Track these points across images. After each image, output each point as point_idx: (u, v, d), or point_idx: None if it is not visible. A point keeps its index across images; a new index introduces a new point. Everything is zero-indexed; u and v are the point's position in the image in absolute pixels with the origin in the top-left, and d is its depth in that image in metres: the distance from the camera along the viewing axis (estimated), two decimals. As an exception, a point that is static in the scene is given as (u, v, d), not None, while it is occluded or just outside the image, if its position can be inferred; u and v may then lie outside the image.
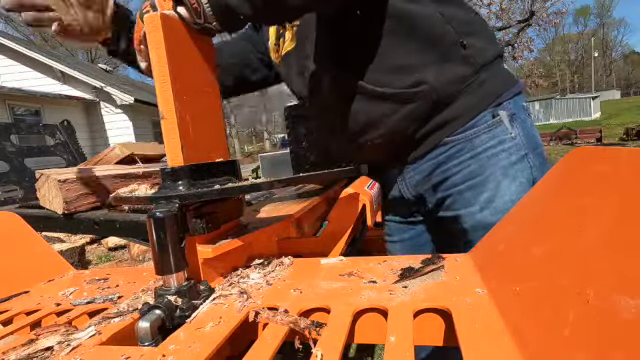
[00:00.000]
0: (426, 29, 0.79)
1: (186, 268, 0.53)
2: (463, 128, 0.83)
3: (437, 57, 0.79)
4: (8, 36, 11.05)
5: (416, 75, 0.80)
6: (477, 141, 0.82)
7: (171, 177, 0.58)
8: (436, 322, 0.45)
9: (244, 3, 0.58)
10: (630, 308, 0.26)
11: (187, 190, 0.56)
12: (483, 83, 0.82)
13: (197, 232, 0.56)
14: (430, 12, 0.79)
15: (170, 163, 0.58)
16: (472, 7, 0.91)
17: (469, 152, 0.82)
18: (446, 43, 0.79)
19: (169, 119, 0.57)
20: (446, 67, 0.80)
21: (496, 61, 0.85)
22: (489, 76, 0.83)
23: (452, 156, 0.84)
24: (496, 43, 0.88)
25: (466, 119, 0.82)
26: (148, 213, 0.52)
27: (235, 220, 0.70)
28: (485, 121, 0.82)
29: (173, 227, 0.52)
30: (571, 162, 0.45)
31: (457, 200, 0.85)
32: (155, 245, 0.51)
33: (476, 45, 0.81)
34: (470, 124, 0.82)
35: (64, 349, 0.44)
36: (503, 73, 0.87)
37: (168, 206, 0.53)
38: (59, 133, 2.09)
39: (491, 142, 0.81)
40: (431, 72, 0.79)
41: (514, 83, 0.87)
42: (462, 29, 0.80)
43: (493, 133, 0.81)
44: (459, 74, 0.80)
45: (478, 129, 0.82)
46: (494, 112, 0.82)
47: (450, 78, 0.80)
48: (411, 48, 0.79)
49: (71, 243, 3.93)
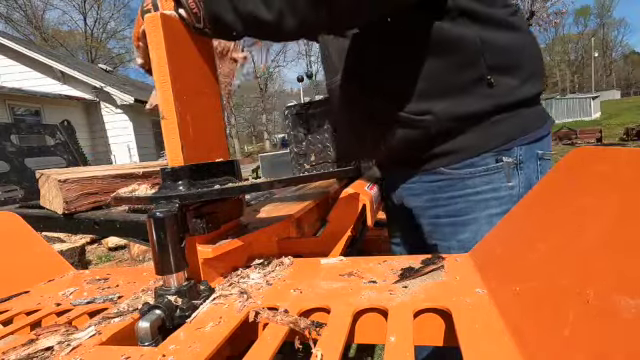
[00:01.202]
0: (457, 56, 0.73)
1: (186, 268, 0.54)
2: (460, 165, 0.78)
3: (456, 88, 0.74)
4: (8, 36, 11.06)
5: (426, 103, 0.75)
6: (470, 182, 0.77)
7: (171, 177, 0.58)
8: (436, 322, 0.45)
9: (237, 21, 0.57)
10: (630, 308, 0.26)
11: (187, 190, 0.56)
12: (497, 123, 0.75)
13: (197, 232, 0.56)
14: (470, 36, 0.71)
15: (170, 163, 0.58)
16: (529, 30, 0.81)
17: (460, 190, 0.79)
18: (471, 76, 0.73)
19: (169, 119, 0.57)
20: (461, 101, 0.74)
21: (526, 102, 0.77)
22: (508, 117, 0.75)
23: (442, 188, 0.81)
24: (538, 80, 0.79)
25: (465, 156, 0.77)
26: (148, 213, 0.52)
27: (235, 220, 0.70)
28: (485, 164, 0.76)
29: (173, 227, 0.52)
30: (571, 162, 0.45)
31: (437, 231, 0.84)
32: (155, 245, 0.51)
33: (506, 84, 0.74)
34: (468, 162, 0.77)
35: (64, 349, 0.44)
36: (529, 115, 0.78)
37: (168, 206, 0.53)
38: (59, 133, 2.09)
39: (485, 187, 0.76)
40: (442, 103, 0.74)
41: (539, 127, 0.78)
42: (497, 62, 0.73)
43: (490, 178, 0.76)
44: (472, 111, 0.74)
45: (475, 170, 0.76)
46: (498, 157, 0.76)
47: (460, 114, 0.74)
48: (433, 72, 0.74)
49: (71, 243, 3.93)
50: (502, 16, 0.75)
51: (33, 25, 20.14)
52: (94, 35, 23.05)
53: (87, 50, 22.73)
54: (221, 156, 0.68)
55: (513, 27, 0.76)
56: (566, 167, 0.46)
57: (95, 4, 22.43)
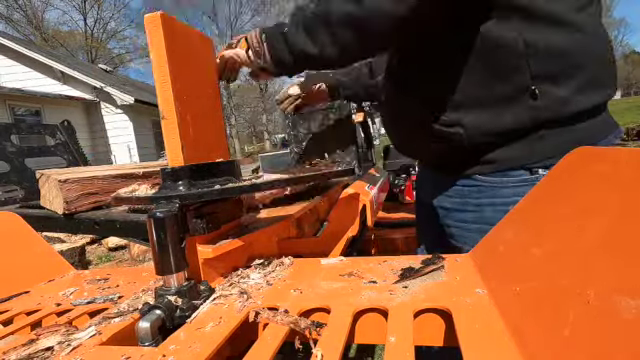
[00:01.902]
0: (495, 62, 0.65)
1: (186, 268, 0.54)
2: (493, 174, 0.73)
3: (492, 99, 0.67)
4: (8, 36, 11.07)
5: (456, 114, 0.69)
6: (500, 192, 0.72)
7: (171, 177, 0.58)
8: (436, 322, 0.45)
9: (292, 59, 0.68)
10: (631, 308, 0.26)
11: (187, 190, 0.56)
12: (544, 139, 0.67)
13: (197, 232, 0.56)
14: (511, 38, 0.63)
15: (170, 163, 0.59)
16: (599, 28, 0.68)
17: (489, 198, 0.74)
18: (511, 86, 0.65)
19: (169, 119, 0.57)
20: (499, 114, 0.67)
21: (581, 115, 0.67)
22: (557, 132, 0.67)
23: (472, 194, 0.77)
24: (600, 88, 0.68)
25: (499, 167, 0.71)
26: (148, 213, 0.52)
27: (235, 220, 0.70)
28: (519, 175, 0.70)
29: (173, 227, 0.52)
30: (571, 162, 0.45)
31: (464, 235, 0.81)
32: (155, 245, 0.51)
33: (555, 95, 0.65)
34: (501, 173, 0.72)
35: (64, 349, 0.44)
36: (586, 129, 0.68)
37: (168, 206, 0.53)
38: (59, 133, 2.09)
39: (515, 198, 0.67)
40: (474, 116, 0.68)
41: (598, 140, 0.69)
42: (544, 68, 0.64)
43: (522, 190, 0.68)
44: (509, 127, 0.67)
45: (508, 180, 0.71)
46: (534, 169, 0.70)
47: (495, 129, 0.67)
48: (469, 80, 0.67)
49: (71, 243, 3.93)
50: (562, 12, 0.64)
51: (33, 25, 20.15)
52: (94, 35, 23.05)
53: (87, 50, 22.73)
54: (221, 156, 0.68)
55: (573, 25, 0.65)
56: (566, 167, 0.46)
57: (95, 4, 22.44)
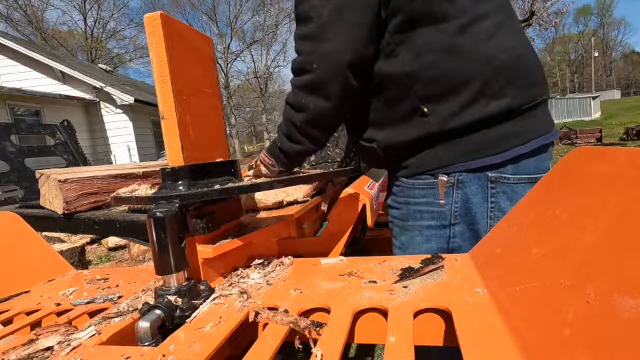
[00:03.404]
0: (390, 91, 0.80)
1: (186, 268, 0.54)
2: (409, 177, 0.86)
3: (395, 119, 0.81)
4: (8, 36, 11.06)
5: (371, 132, 0.87)
6: (412, 192, 0.85)
7: (171, 177, 0.58)
8: (436, 322, 0.45)
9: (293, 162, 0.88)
10: (631, 308, 0.26)
11: (187, 190, 0.56)
12: (435, 148, 0.80)
13: (197, 232, 0.56)
14: (397, 73, 0.77)
15: (170, 163, 0.58)
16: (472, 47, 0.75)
17: (405, 197, 0.87)
18: (406, 107, 0.79)
19: (169, 119, 0.57)
20: (399, 130, 0.81)
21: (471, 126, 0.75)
22: (447, 143, 0.78)
23: (397, 193, 0.90)
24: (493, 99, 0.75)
25: (410, 172, 0.85)
26: (148, 213, 0.52)
27: (235, 220, 0.70)
28: (425, 178, 0.83)
29: (173, 227, 0.52)
30: (571, 162, 0.45)
31: (393, 228, 0.95)
32: (155, 245, 0.51)
33: (441, 111, 0.75)
34: (415, 176, 0.85)
35: (64, 349, 0.44)
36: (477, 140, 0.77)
37: (168, 206, 0.53)
38: (59, 133, 2.09)
39: (422, 199, 0.84)
40: (383, 133, 0.84)
41: (492, 154, 0.76)
42: (429, 92, 0.76)
43: (426, 192, 0.83)
44: (408, 139, 0.80)
45: (416, 182, 0.84)
46: (436, 174, 0.81)
47: (398, 142, 0.82)
48: (377, 106, 0.84)
49: (71, 243, 3.93)
50: (441, 41, 0.74)
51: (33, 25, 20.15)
52: (94, 35, 23.05)
53: (87, 50, 22.73)
54: (221, 156, 0.68)
55: (455, 50, 0.74)
56: (566, 167, 0.46)
57: (95, 4, 22.44)
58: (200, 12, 25.70)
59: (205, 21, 25.60)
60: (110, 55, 24.34)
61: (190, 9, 26.81)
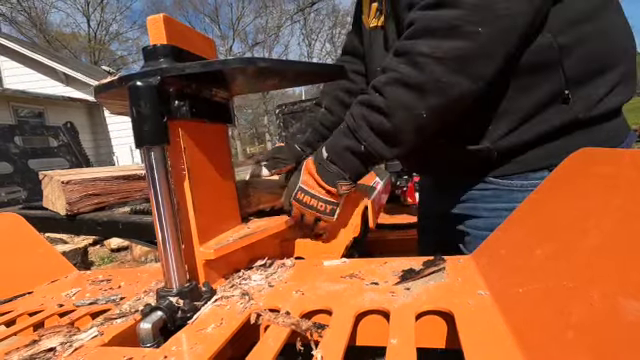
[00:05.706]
0: (523, 73, 0.61)
1: (166, 145, 0.51)
2: (510, 177, 0.68)
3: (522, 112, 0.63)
4: (12, 38, 11.15)
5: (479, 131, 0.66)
6: (520, 195, 0.66)
7: (153, 55, 0.54)
8: (438, 324, 0.45)
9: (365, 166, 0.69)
10: (635, 310, 0.25)
11: (169, 65, 0.53)
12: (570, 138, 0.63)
13: (181, 115, 0.54)
14: (543, 44, 0.59)
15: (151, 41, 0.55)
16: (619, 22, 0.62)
17: (506, 203, 0.68)
18: (544, 94, 0.61)
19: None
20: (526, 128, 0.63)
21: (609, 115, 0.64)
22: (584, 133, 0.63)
23: (486, 198, 0.71)
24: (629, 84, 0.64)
25: (522, 169, 0.67)
26: (128, 84, 0.49)
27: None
28: (541, 177, 0.64)
29: (154, 98, 0.50)
30: (573, 163, 0.45)
31: (473, 242, 0.75)
32: (135, 115, 0.49)
33: (587, 97, 0.61)
34: (522, 175, 0.67)
35: (66, 350, 0.44)
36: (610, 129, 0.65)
37: (150, 79, 0.50)
38: (62, 135, 2.10)
39: None
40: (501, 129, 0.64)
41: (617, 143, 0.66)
42: (579, 70, 0.60)
43: None
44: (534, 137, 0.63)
45: (528, 183, 0.66)
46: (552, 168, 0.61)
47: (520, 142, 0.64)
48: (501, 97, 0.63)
49: (74, 244, 3.94)
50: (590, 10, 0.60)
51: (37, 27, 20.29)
52: (97, 37, 23.18)
53: (90, 52, 22.85)
54: (222, 156, 0.68)
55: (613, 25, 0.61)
56: (568, 168, 0.45)
57: (98, 7, 22.58)
58: (203, 14, 25.89)
59: (207, 23, 25.79)
60: (113, 57, 24.46)
61: (193, 11, 26.96)
